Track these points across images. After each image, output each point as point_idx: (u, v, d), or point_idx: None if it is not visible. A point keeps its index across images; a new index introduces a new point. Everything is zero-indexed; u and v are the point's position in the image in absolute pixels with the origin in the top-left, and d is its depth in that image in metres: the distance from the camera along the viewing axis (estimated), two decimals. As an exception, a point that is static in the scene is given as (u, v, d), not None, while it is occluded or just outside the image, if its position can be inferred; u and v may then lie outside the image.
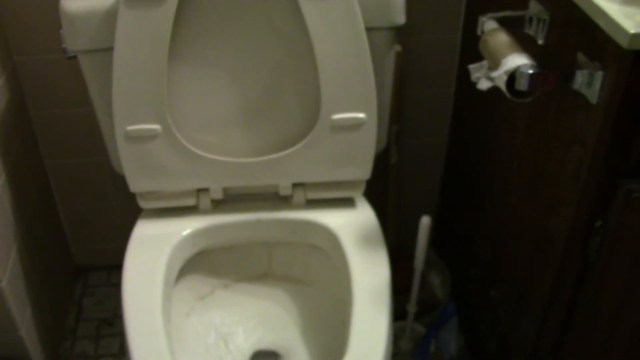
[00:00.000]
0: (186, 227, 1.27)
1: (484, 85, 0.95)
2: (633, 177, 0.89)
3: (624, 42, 0.77)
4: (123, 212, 1.70)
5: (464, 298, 1.54)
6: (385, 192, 1.61)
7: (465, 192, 1.51)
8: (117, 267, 1.21)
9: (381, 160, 1.47)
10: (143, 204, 1.30)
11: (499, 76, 0.89)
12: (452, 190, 1.63)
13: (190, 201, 1.29)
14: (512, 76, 0.88)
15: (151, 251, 1.22)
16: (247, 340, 1.31)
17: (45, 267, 1.57)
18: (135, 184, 1.26)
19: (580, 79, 0.87)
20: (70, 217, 1.73)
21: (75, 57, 1.17)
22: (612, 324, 1.02)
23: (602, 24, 0.81)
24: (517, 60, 0.88)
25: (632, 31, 0.76)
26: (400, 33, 1.22)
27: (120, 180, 1.30)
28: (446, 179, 1.66)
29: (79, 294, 1.79)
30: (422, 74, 1.50)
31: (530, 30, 1.03)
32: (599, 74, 0.84)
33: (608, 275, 0.96)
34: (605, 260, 0.94)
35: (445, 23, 1.43)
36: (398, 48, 1.34)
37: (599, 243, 0.94)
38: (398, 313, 1.38)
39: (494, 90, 0.95)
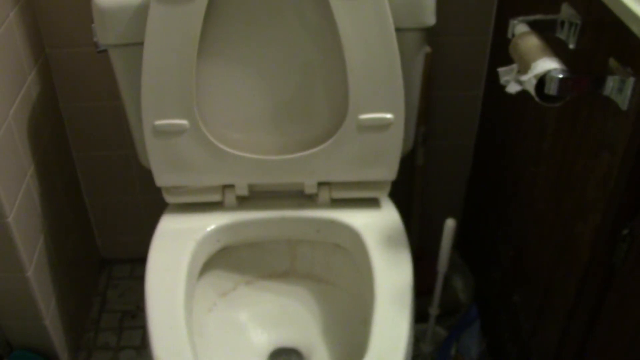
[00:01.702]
0: (211, 222, 1.28)
1: (513, 88, 0.94)
2: (662, 186, 0.88)
3: (656, 48, 0.76)
4: (148, 206, 1.72)
5: (486, 302, 1.54)
6: (411, 193, 1.61)
7: (491, 196, 1.50)
8: (141, 261, 1.22)
9: (407, 162, 1.47)
10: (168, 198, 1.30)
11: (529, 80, 0.89)
12: (477, 193, 1.62)
13: (215, 197, 1.30)
14: (542, 80, 0.87)
15: (175, 246, 1.23)
16: (268, 338, 1.31)
17: (71, 259, 1.59)
18: (161, 179, 1.26)
19: (611, 84, 0.85)
20: (96, 210, 1.75)
21: (105, 51, 1.18)
22: (636, 332, 1.00)
23: (635, 29, 0.80)
24: (547, 65, 0.87)
25: (665, 37, 0.75)
26: (430, 34, 1.21)
27: (146, 174, 1.31)
28: (472, 181, 1.65)
29: (103, 286, 1.81)
30: (451, 76, 1.49)
31: (561, 35, 1.02)
32: (631, 80, 0.83)
33: (634, 284, 0.95)
34: (631, 268, 0.93)
35: (476, 25, 1.43)
36: (427, 49, 1.33)
37: (626, 251, 0.93)
38: (420, 315, 1.37)
39: (523, 94, 0.94)
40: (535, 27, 0.99)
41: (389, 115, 1.18)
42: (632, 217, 0.91)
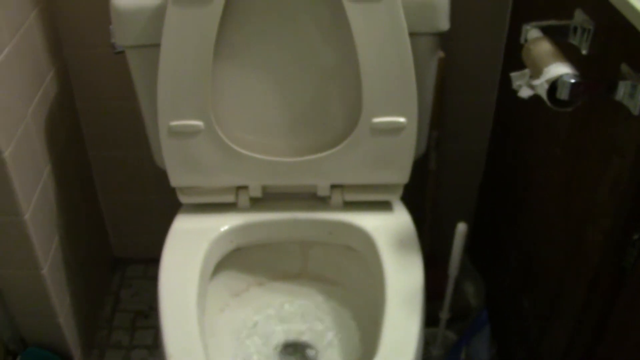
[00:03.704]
0: (224, 223, 1.29)
1: (525, 93, 0.95)
2: (673, 191, 0.88)
3: (668, 54, 0.77)
4: (163, 206, 1.73)
5: (496, 306, 1.54)
6: (423, 197, 1.61)
7: (503, 200, 1.51)
8: (154, 261, 1.23)
9: (420, 165, 1.47)
10: (183, 198, 1.32)
11: (541, 85, 0.89)
12: (490, 197, 1.62)
13: (229, 198, 1.31)
14: (554, 85, 0.87)
15: (189, 246, 1.24)
16: (280, 338, 1.32)
17: (85, 258, 1.60)
18: (176, 179, 1.28)
19: (622, 89, 0.86)
20: (111, 210, 1.76)
21: (123, 52, 1.20)
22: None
23: (646, 35, 0.81)
24: (560, 69, 0.88)
25: (676, 43, 0.76)
26: (444, 39, 1.22)
27: (161, 175, 1.32)
28: (485, 186, 1.66)
29: (116, 286, 1.82)
30: (465, 81, 1.50)
31: (574, 40, 1.02)
32: (642, 86, 0.83)
33: (644, 289, 0.95)
34: (642, 273, 0.94)
35: (490, 31, 1.43)
36: (441, 54, 1.34)
37: (636, 256, 0.93)
38: (431, 319, 1.38)
39: (536, 99, 0.94)
40: (548, 32, 1.00)
41: (402, 119, 1.19)
42: (643, 222, 0.91)
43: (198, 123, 1.19)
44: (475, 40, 1.44)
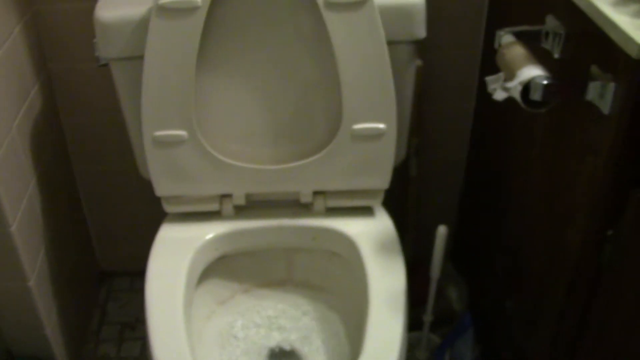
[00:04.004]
0: (209, 231, 1.30)
1: (499, 95, 0.97)
2: (645, 187, 0.90)
3: (634, 53, 0.79)
4: (148, 219, 1.72)
5: (480, 309, 1.56)
6: (405, 204, 1.63)
7: (484, 205, 1.53)
8: (140, 274, 1.24)
9: (401, 173, 1.49)
10: (168, 208, 1.33)
11: (514, 87, 0.92)
12: (471, 203, 1.65)
13: (213, 206, 1.32)
14: (527, 87, 0.90)
15: (174, 254, 1.25)
16: (267, 345, 1.33)
17: (71, 271, 1.61)
18: (161, 188, 1.29)
19: (593, 90, 0.89)
20: (96, 223, 1.77)
21: (106, 65, 1.21)
22: (625, 332, 1.02)
23: (614, 36, 0.84)
24: (532, 72, 0.91)
25: (642, 42, 0.78)
26: (421, 48, 1.24)
27: (146, 188, 1.34)
28: (466, 191, 1.68)
29: (103, 298, 1.83)
30: (443, 89, 1.52)
31: (546, 45, 1.05)
32: (611, 85, 0.86)
33: (621, 283, 0.97)
34: (618, 268, 0.96)
35: (466, 38, 1.46)
36: (419, 62, 1.37)
37: (611, 251, 0.95)
38: (415, 324, 1.40)
39: (512, 104, 0.97)
40: (521, 38, 1.03)
41: (381, 125, 1.21)
42: (618, 218, 0.93)
43: (182, 133, 1.21)
44: (452, 48, 1.47)
